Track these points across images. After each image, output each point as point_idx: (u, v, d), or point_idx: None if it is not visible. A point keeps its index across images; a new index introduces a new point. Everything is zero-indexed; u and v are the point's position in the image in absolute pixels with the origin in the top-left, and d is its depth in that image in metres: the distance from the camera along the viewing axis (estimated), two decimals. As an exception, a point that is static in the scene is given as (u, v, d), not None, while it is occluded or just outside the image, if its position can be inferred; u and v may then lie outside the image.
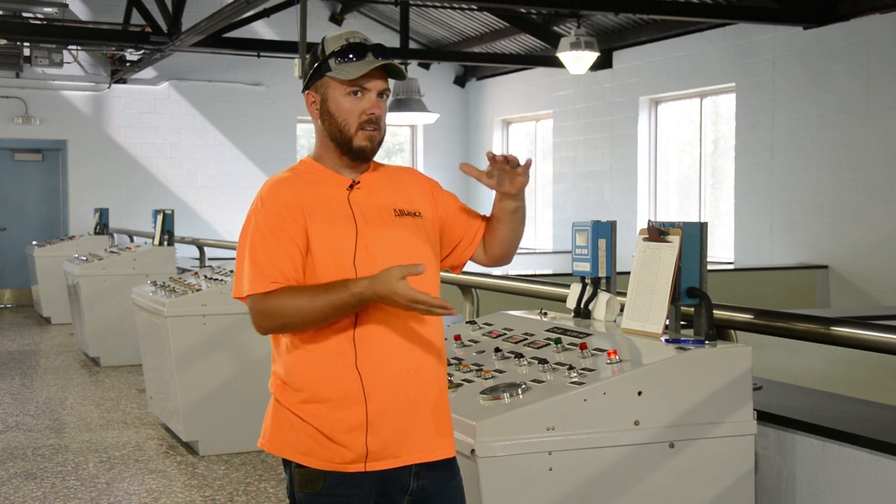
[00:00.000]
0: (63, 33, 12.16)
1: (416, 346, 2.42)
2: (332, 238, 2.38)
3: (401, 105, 12.78)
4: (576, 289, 3.66)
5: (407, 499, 2.44)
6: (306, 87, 2.48)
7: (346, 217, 2.41)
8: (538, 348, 3.16)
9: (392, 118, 12.14)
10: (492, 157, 2.44)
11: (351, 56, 2.40)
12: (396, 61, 2.53)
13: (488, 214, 2.63)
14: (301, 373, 2.40)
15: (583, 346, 3.02)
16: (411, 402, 2.40)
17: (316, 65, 2.44)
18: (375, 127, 2.43)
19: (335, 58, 2.41)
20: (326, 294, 2.29)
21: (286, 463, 2.45)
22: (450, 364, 3.08)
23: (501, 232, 2.57)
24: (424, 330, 2.44)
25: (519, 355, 3.06)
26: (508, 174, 2.45)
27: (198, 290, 6.26)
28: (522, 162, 2.44)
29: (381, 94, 2.44)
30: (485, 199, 15.95)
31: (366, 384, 2.37)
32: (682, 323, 3.20)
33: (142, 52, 12.66)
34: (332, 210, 2.40)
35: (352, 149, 2.43)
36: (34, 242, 13.11)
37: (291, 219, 2.37)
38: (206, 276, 6.70)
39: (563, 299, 3.80)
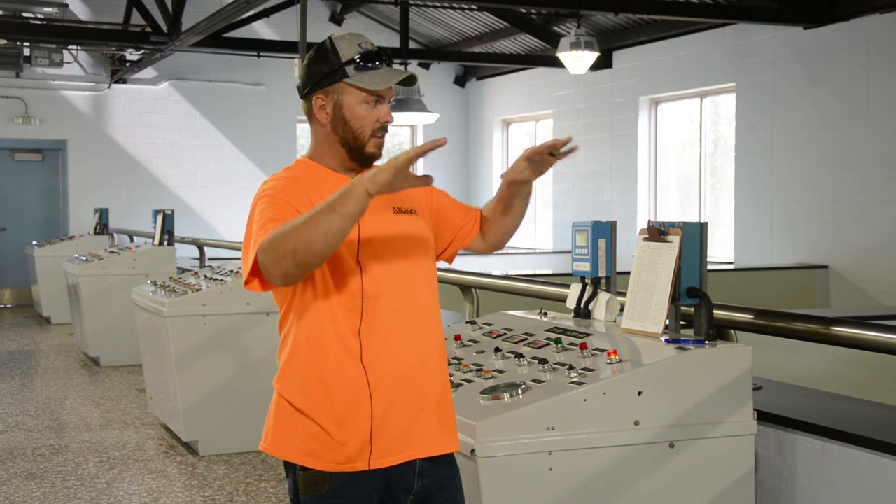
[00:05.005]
0: (63, 33, 12.17)
1: (420, 341, 2.42)
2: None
3: (401, 105, 12.78)
4: (576, 289, 3.66)
5: (411, 498, 2.44)
6: (314, 90, 2.44)
7: (348, 214, 2.40)
8: (538, 348, 3.16)
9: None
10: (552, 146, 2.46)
11: (372, 65, 2.40)
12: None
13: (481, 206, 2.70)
14: (305, 367, 2.39)
15: (583, 346, 3.02)
16: (416, 397, 2.40)
17: (330, 69, 2.41)
18: (385, 133, 2.46)
19: (353, 65, 2.40)
20: (319, 205, 2.15)
21: (289, 466, 2.44)
22: (450, 364, 3.07)
23: (507, 220, 2.64)
24: (427, 325, 2.45)
25: (519, 355, 3.06)
26: (546, 162, 2.49)
27: (198, 290, 6.26)
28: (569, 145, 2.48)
29: (389, 100, 2.47)
30: (485, 199, 15.92)
31: (371, 379, 2.36)
32: (682, 323, 3.20)
33: (142, 52, 12.66)
34: None
35: (363, 154, 2.45)
36: (34, 242, 13.11)
37: (300, 202, 2.33)
38: (206, 276, 6.70)
39: (563, 299, 3.80)
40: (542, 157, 2.48)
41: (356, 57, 2.40)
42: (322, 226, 2.11)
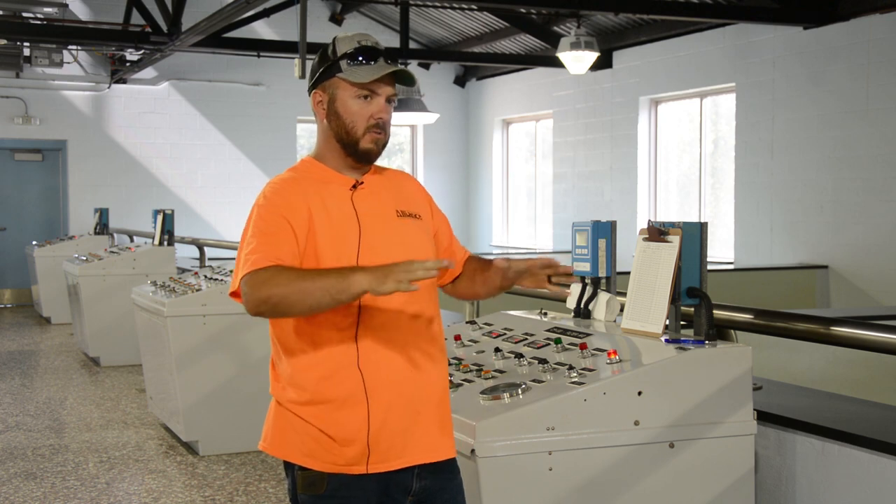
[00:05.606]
0: (63, 33, 12.17)
1: (418, 345, 2.41)
2: (335, 237, 2.37)
3: (401, 105, 12.76)
4: (576, 289, 3.66)
5: (410, 499, 2.44)
6: (314, 86, 2.47)
7: (350, 216, 2.40)
8: (538, 348, 3.16)
9: (392, 118, 12.12)
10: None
11: (363, 59, 2.40)
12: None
13: (471, 252, 2.73)
14: (302, 373, 2.38)
15: (583, 346, 3.02)
16: (414, 401, 2.40)
17: (326, 64, 2.44)
18: (381, 131, 2.44)
19: (347, 59, 2.41)
20: (322, 272, 2.24)
21: (288, 465, 2.44)
22: (450, 364, 3.07)
23: (479, 290, 2.66)
24: (426, 329, 2.44)
25: (519, 355, 3.06)
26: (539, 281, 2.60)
27: (198, 290, 6.26)
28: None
29: (389, 99, 2.45)
30: (483, 206, 15.94)
31: (367, 384, 2.36)
32: (682, 323, 3.20)
33: (142, 52, 12.66)
34: (335, 209, 2.40)
35: (357, 150, 2.44)
36: (34, 242, 13.11)
37: (297, 213, 2.36)
38: (206, 276, 6.70)
39: (563, 299, 3.80)
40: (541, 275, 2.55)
41: (349, 51, 2.41)
42: (312, 298, 2.20)
